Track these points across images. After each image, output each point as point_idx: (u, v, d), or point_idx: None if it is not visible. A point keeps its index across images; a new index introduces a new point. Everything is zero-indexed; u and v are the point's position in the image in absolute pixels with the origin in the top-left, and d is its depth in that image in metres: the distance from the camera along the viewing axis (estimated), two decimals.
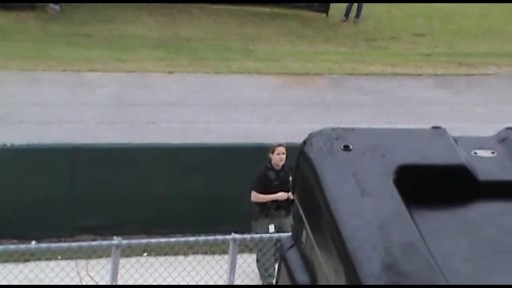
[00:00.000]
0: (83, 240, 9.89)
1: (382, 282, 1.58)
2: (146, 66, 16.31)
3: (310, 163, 1.90)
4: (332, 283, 1.76)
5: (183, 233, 10.46)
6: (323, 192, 1.80)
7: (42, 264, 9.37)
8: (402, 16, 21.46)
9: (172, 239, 9.07)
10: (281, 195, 9.61)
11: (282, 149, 9.80)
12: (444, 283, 1.59)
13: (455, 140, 1.97)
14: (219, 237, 8.92)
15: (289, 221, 9.49)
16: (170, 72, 16.12)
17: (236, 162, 10.75)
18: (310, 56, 17.99)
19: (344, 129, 1.96)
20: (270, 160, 9.83)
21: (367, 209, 1.75)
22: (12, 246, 9.00)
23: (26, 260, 9.59)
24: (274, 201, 9.69)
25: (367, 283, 1.58)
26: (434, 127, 2.02)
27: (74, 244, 8.83)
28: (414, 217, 1.76)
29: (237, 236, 8.62)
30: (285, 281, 2.03)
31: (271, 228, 9.70)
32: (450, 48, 19.59)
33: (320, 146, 1.92)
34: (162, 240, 9.06)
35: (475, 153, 1.95)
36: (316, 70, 17.18)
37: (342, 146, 1.90)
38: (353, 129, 1.97)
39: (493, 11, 21.64)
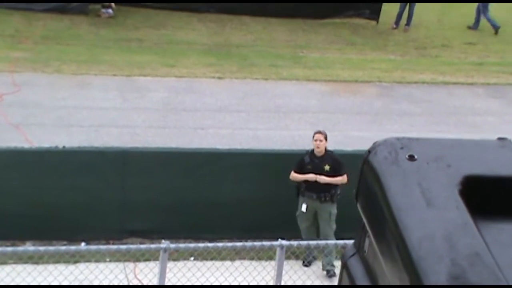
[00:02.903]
0: (131, 243, 9.98)
1: None
2: (196, 71, 16.43)
3: (375, 172, 1.91)
4: None
5: (230, 238, 10.50)
6: (388, 202, 1.81)
7: (92, 265, 9.49)
8: (453, 24, 21.27)
9: (219, 244, 9.09)
10: (310, 176, 10.25)
11: (318, 136, 10.47)
12: None
13: None
14: (266, 243, 8.91)
15: (325, 207, 10.28)
16: (219, 78, 16.21)
17: (284, 169, 10.75)
18: (359, 63, 17.94)
19: (409, 138, 1.96)
20: None
21: (432, 219, 1.75)
22: (63, 248, 9.13)
23: (76, 262, 9.72)
24: (305, 182, 10.35)
25: None
26: (499, 138, 2.02)
27: (123, 247, 8.91)
28: (480, 229, 1.75)
29: (284, 242, 8.61)
30: None
31: (303, 207, 10.38)
32: (502, 57, 19.35)
33: (385, 155, 1.92)
34: (210, 244, 9.10)
35: None
36: (365, 78, 17.12)
37: (407, 156, 1.90)
38: (417, 139, 1.97)
39: None
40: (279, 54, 17.93)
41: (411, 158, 1.91)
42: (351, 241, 8.17)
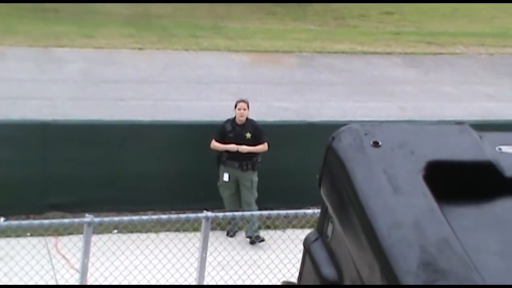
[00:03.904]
0: (53, 217, 9.80)
1: (420, 280, 1.60)
2: (115, 42, 16.17)
3: (339, 159, 1.91)
4: (365, 278, 1.78)
5: (154, 210, 10.45)
6: (354, 189, 1.82)
7: (13, 241, 9.28)
8: None
9: (145, 217, 9.04)
10: (232, 147, 10.28)
11: (242, 105, 10.53)
12: (480, 280, 1.63)
13: (480, 136, 2.01)
14: (191, 215, 8.90)
15: (247, 175, 10.34)
16: (139, 49, 16.01)
17: (206, 140, 10.73)
18: (279, 34, 17.98)
19: (372, 125, 1.97)
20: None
21: (400, 206, 1.77)
22: None
23: None
24: (226, 151, 10.37)
25: (404, 281, 1.61)
26: (457, 123, 2.06)
27: (46, 221, 8.75)
28: (445, 214, 1.79)
29: (210, 214, 8.62)
30: (309, 273, 2.05)
31: (225, 176, 10.42)
32: (419, 27, 19.71)
33: (349, 142, 1.93)
34: (135, 217, 9.02)
35: (500, 149, 1.99)
36: (286, 48, 17.19)
37: (371, 143, 1.92)
38: (380, 125, 1.99)
39: None
40: (199, 25, 17.81)
41: (376, 144, 1.92)
42: (275, 212, 8.15)
